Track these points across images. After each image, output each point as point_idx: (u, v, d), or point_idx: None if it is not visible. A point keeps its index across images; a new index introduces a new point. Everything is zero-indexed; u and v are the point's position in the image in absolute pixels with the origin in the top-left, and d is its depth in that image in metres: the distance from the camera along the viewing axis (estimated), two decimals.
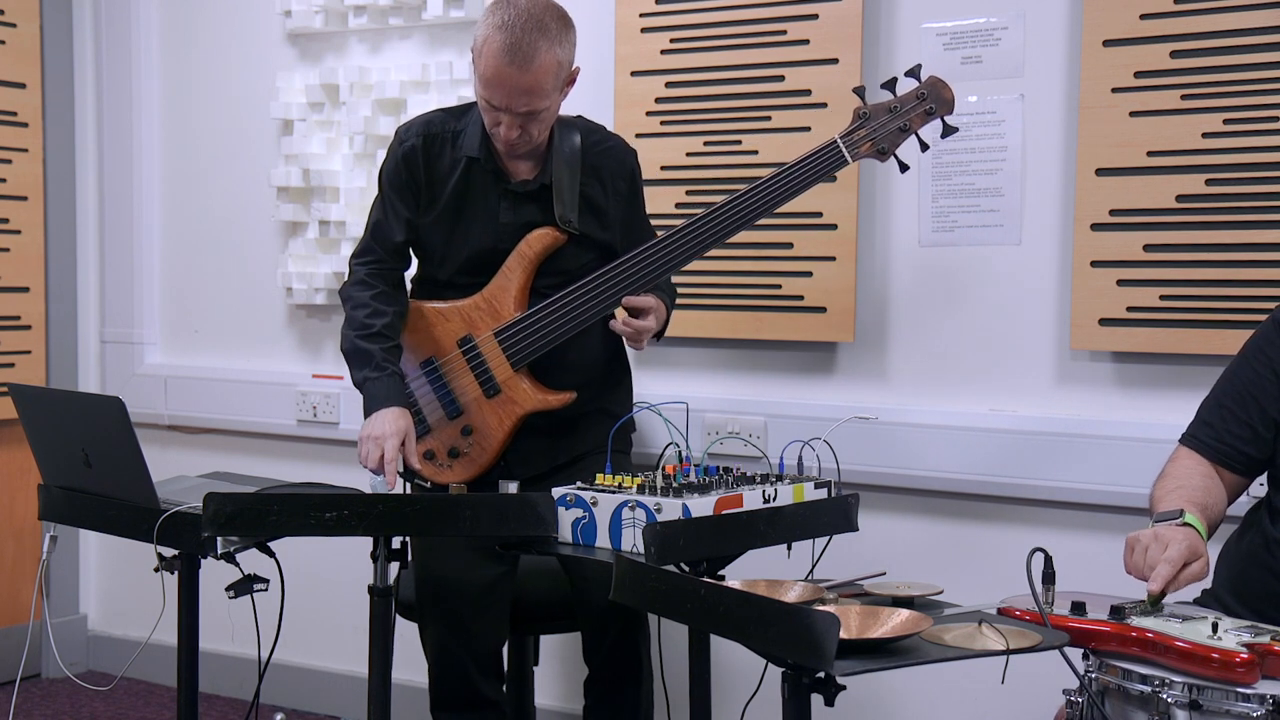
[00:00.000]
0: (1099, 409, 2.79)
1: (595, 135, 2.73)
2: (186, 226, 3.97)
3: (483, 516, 2.20)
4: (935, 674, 2.89)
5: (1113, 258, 2.73)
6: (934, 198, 2.93)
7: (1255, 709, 1.59)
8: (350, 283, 2.72)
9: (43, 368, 3.98)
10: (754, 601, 1.67)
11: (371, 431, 2.53)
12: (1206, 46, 2.64)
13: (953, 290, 2.93)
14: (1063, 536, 2.77)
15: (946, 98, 2.56)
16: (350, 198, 3.58)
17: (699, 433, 3.10)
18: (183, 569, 2.47)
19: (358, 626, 2.77)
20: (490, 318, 2.65)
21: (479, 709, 2.62)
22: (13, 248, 3.90)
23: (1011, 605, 1.87)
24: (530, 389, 2.64)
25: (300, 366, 3.76)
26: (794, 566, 2.30)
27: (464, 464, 2.65)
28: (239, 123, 3.84)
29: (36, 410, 2.58)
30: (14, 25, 3.87)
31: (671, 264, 2.60)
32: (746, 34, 3.07)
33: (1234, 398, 2.16)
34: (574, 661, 2.78)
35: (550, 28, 2.49)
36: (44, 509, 2.61)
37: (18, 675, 3.70)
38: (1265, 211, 2.61)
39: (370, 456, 2.51)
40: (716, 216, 2.58)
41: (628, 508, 2.08)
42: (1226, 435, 2.14)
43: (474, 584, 2.56)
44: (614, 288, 2.60)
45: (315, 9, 3.61)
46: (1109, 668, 1.72)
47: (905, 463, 2.94)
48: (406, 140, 2.68)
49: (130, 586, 4.05)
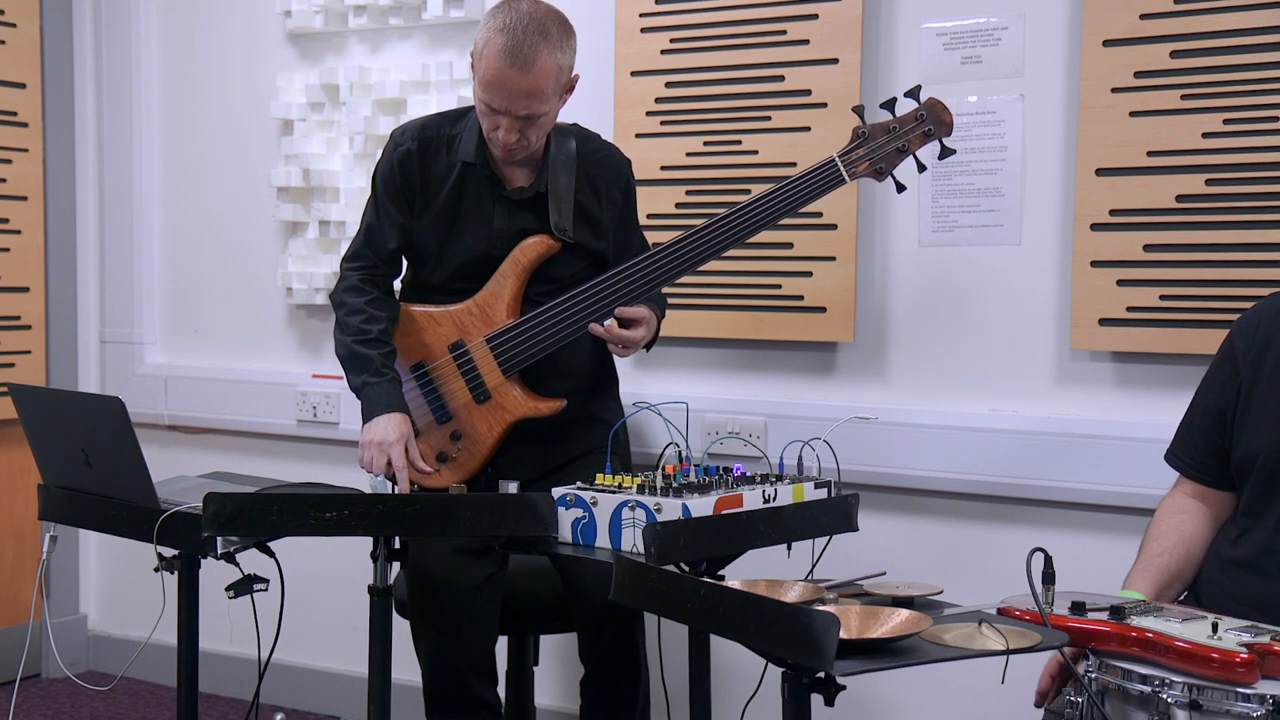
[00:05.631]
0: (1099, 409, 2.79)
1: (591, 143, 2.73)
2: (186, 226, 3.97)
3: (483, 516, 2.20)
4: (935, 674, 2.89)
5: (1113, 258, 2.72)
6: (934, 198, 2.92)
7: (1255, 709, 1.59)
8: (343, 288, 2.72)
9: (43, 368, 3.98)
10: (754, 601, 1.67)
11: (373, 437, 2.53)
12: (1206, 46, 2.64)
13: (953, 290, 2.93)
14: (1063, 537, 2.77)
15: (945, 120, 2.56)
16: (350, 198, 3.58)
17: (699, 433, 3.10)
18: (183, 569, 2.47)
19: (358, 626, 2.77)
20: (482, 324, 2.65)
21: (474, 710, 2.62)
22: (13, 248, 3.90)
23: (1011, 605, 1.87)
24: (521, 396, 2.65)
25: (300, 366, 3.76)
26: (794, 566, 2.30)
27: (452, 469, 2.66)
28: (239, 123, 3.84)
29: (36, 410, 2.58)
30: (14, 25, 3.87)
31: (665, 276, 2.61)
32: (746, 34, 3.07)
33: (1202, 414, 2.18)
34: (574, 661, 2.78)
35: (552, 32, 2.49)
36: (44, 509, 2.61)
37: (18, 675, 3.70)
38: (1265, 211, 2.60)
39: (376, 463, 2.52)
40: (712, 231, 2.59)
41: (628, 508, 2.08)
42: (1202, 454, 2.16)
43: (463, 586, 2.56)
44: (607, 298, 2.60)
45: (315, 9, 3.61)
46: (1109, 668, 1.72)
47: (905, 463, 2.94)
48: (402, 144, 2.68)
49: (130, 586, 4.05)
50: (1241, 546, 2.05)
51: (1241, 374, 2.09)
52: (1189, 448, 2.18)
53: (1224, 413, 2.11)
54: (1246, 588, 2.00)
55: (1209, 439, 2.14)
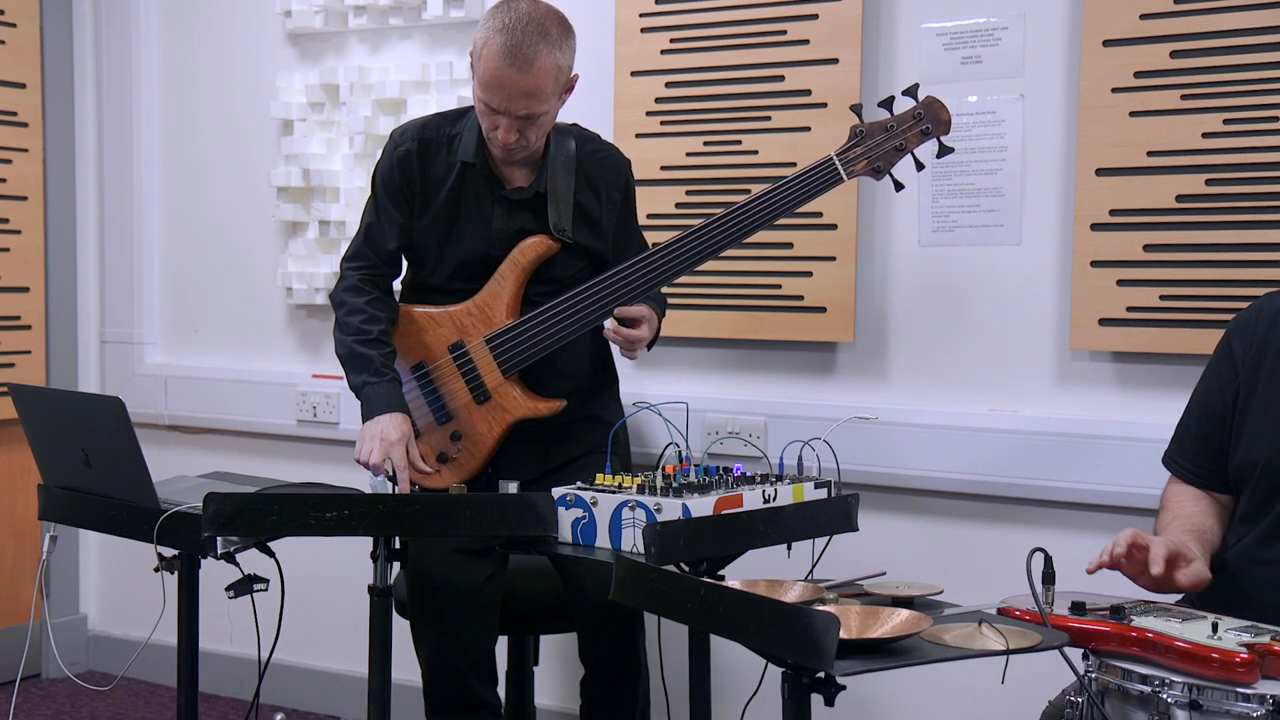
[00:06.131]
0: (1099, 409, 2.79)
1: (591, 144, 2.73)
2: (186, 226, 3.97)
3: (483, 516, 2.20)
4: (935, 674, 2.89)
5: (1113, 258, 2.72)
6: (934, 198, 2.92)
7: (1255, 709, 1.59)
8: (343, 287, 2.72)
9: (43, 368, 3.98)
10: (754, 601, 1.67)
11: (373, 433, 2.53)
12: (1206, 46, 2.64)
13: (953, 290, 2.93)
14: (1063, 537, 2.77)
15: (943, 118, 2.56)
16: (350, 198, 3.58)
17: (699, 433, 3.10)
18: (183, 569, 2.47)
19: (358, 626, 2.77)
20: (482, 324, 2.65)
21: (474, 710, 2.62)
22: (13, 248, 3.90)
23: (1011, 605, 1.87)
24: (521, 396, 2.65)
25: (300, 366, 3.76)
26: (794, 566, 2.30)
27: (452, 469, 2.66)
28: (239, 123, 3.84)
29: (36, 410, 2.58)
30: (14, 25, 3.87)
31: (664, 276, 2.61)
32: (746, 34, 3.07)
33: (1199, 418, 2.16)
34: (574, 661, 2.78)
35: (551, 32, 2.49)
36: (44, 509, 2.61)
37: (18, 675, 3.69)
38: (1265, 211, 2.60)
39: (375, 455, 2.49)
40: (710, 231, 2.59)
41: (628, 508, 2.08)
42: (1199, 458, 2.15)
43: (463, 586, 2.56)
44: (607, 298, 2.61)
45: (315, 9, 3.61)
46: (1109, 668, 1.72)
47: (905, 463, 2.94)
48: (401, 145, 2.68)
49: (130, 586, 4.05)
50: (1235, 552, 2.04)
51: (1239, 377, 2.08)
52: (1186, 451, 2.17)
53: (1221, 416, 2.10)
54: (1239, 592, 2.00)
55: (1206, 443, 2.13)
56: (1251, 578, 1.99)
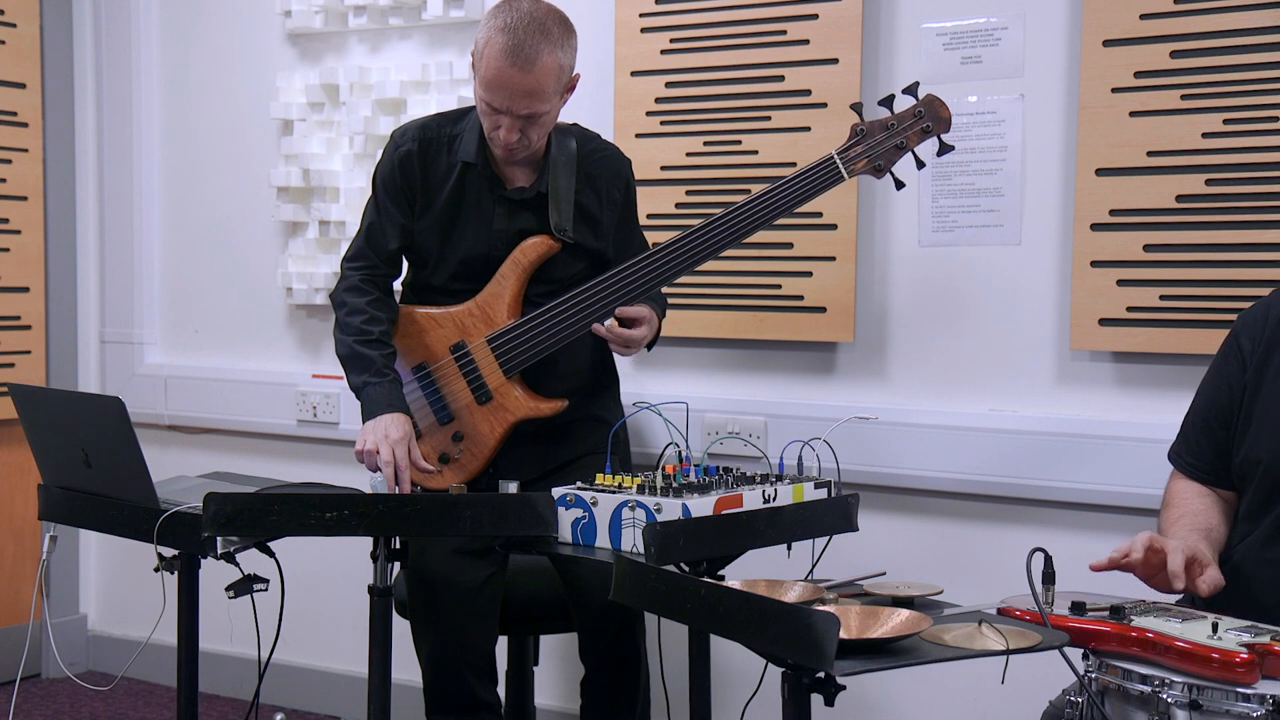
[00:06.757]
0: (1099, 409, 2.79)
1: (591, 143, 2.73)
2: (186, 226, 3.97)
3: (483, 516, 2.20)
4: (935, 674, 2.89)
5: (1113, 258, 2.73)
6: (934, 198, 2.93)
7: (1255, 709, 1.59)
8: (343, 287, 2.72)
9: (43, 368, 3.98)
10: (754, 601, 1.67)
11: (375, 430, 2.53)
12: (1206, 46, 2.64)
13: (953, 290, 2.93)
14: (1063, 536, 2.77)
15: (943, 116, 2.56)
16: (350, 198, 3.58)
17: (699, 433, 3.10)
18: (183, 569, 2.47)
19: (358, 626, 2.77)
20: (483, 324, 2.65)
21: (474, 710, 2.62)
22: (13, 248, 3.90)
23: (1011, 605, 1.87)
24: (522, 396, 2.65)
25: (300, 366, 3.76)
26: (794, 566, 2.30)
27: (455, 470, 2.66)
28: (239, 123, 3.84)
29: (36, 410, 2.58)
30: (14, 25, 3.87)
31: (665, 276, 2.61)
32: (746, 34, 3.07)
33: (1204, 413, 2.16)
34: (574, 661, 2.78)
35: (553, 32, 2.49)
36: (44, 509, 2.61)
37: (18, 675, 3.70)
38: (1265, 211, 2.61)
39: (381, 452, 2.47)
40: (711, 230, 2.59)
41: (628, 508, 2.08)
42: (1204, 454, 2.14)
43: (463, 586, 2.56)
44: (608, 298, 2.61)
45: (315, 9, 3.61)
46: (1109, 668, 1.72)
47: (905, 463, 2.94)
48: (402, 145, 2.68)
49: (130, 586, 4.05)
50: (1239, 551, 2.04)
51: (1247, 373, 2.08)
52: (1191, 447, 2.17)
53: (1227, 412, 2.10)
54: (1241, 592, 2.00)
55: (1212, 438, 2.13)
56: (1257, 579, 1.99)
